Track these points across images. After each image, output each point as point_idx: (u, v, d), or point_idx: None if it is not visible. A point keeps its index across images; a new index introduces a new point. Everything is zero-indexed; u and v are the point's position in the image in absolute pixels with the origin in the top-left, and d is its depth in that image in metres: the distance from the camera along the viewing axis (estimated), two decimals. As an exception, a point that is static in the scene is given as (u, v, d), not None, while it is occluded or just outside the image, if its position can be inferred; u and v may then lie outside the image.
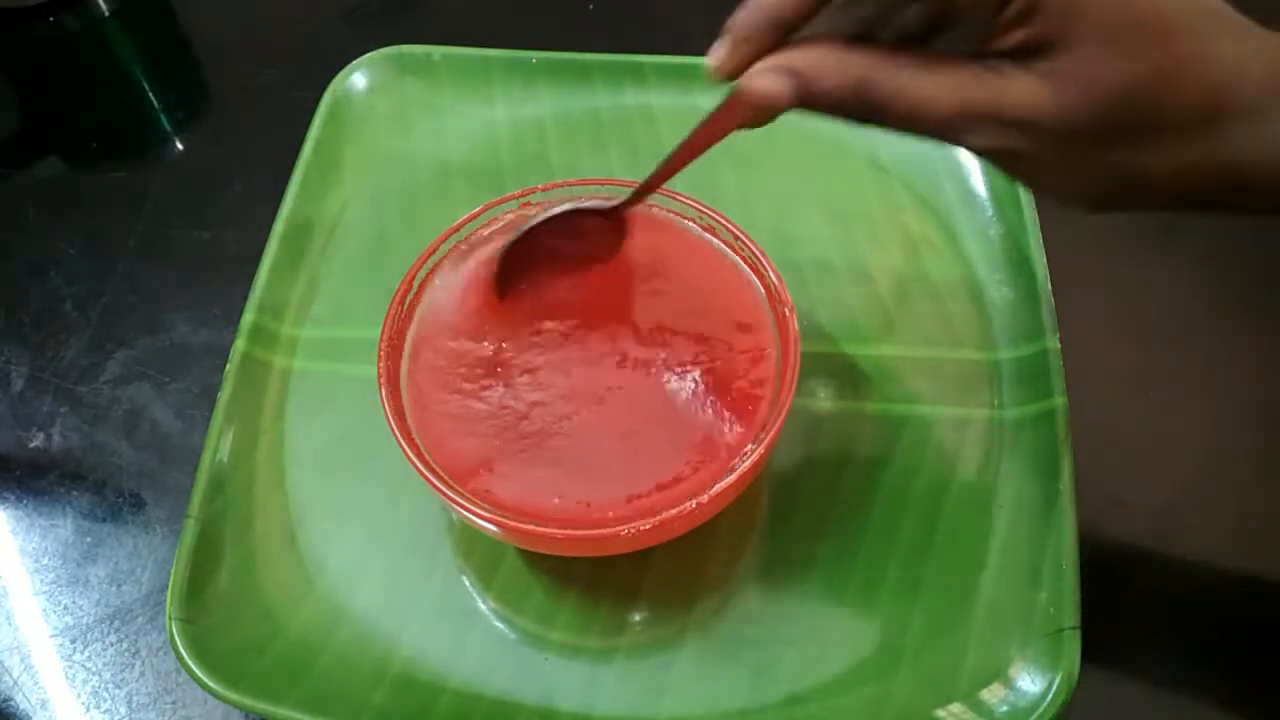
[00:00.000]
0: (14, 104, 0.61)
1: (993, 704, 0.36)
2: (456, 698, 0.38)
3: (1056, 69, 0.27)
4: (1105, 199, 0.29)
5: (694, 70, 0.53)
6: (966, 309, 0.46)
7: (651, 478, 0.36)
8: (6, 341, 0.50)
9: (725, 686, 0.38)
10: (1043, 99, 0.27)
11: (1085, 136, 0.27)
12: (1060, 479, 0.40)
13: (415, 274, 0.40)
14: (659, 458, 0.37)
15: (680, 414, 0.38)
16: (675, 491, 0.36)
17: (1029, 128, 0.27)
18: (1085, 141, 0.28)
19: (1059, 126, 0.27)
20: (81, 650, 0.42)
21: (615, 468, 0.37)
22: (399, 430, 0.37)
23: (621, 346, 0.39)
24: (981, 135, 0.28)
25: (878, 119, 0.29)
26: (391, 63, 0.54)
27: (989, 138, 0.28)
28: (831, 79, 0.28)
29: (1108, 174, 0.28)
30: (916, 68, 0.28)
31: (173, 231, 0.53)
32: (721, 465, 0.36)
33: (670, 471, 0.37)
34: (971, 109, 0.28)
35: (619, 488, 0.36)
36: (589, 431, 0.38)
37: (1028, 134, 0.28)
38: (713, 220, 0.41)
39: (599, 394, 0.38)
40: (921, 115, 0.28)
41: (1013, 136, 0.28)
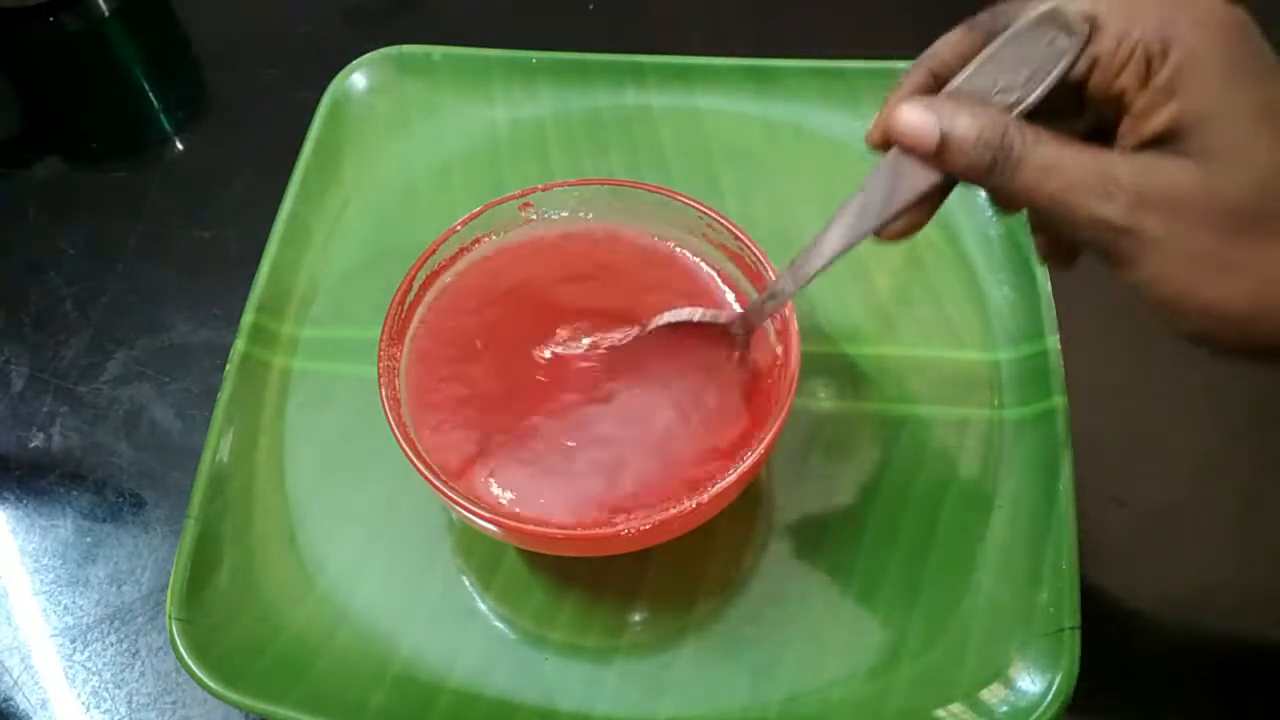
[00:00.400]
0: (14, 104, 0.61)
1: (993, 704, 0.36)
2: (456, 697, 0.38)
3: (1207, 145, 0.25)
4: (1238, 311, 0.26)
5: (694, 70, 0.53)
6: (966, 309, 0.46)
7: (652, 478, 0.36)
8: (6, 341, 0.50)
9: (725, 686, 0.38)
10: (1190, 174, 0.25)
11: (1233, 218, 0.25)
12: (1060, 479, 0.40)
13: (415, 274, 0.40)
14: (660, 457, 0.37)
15: (680, 415, 0.38)
16: (675, 491, 0.36)
17: (1172, 204, 0.25)
18: (1233, 225, 0.25)
19: (1206, 203, 0.25)
20: (81, 650, 0.42)
21: (615, 467, 0.37)
22: (399, 430, 0.37)
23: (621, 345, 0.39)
24: (1114, 204, 0.26)
25: (1008, 175, 0.27)
26: (391, 63, 0.54)
27: (1122, 208, 0.25)
28: (976, 123, 0.27)
29: (1249, 274, 0.25)
30: (1057, 137, 0.27)
31: (173, 231, 0.53)
32: (721, 465, 0.36)
33: (670, 471, 0.37)
34: (1110, 177, 0.26)
35: (619, 487, 0.36)
36: (589, 431, 0.38)
37: (1168, 211, 0.25)
38: (713, 220, 0.41)
39: (599, 394, 0.38)
40: (1054, 172, 0.26)
41: (1149, 213, 0.25)
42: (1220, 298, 0.26)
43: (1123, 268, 0.27)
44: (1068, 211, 0.26)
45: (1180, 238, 0.25)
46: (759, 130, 0.52)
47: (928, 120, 0.28)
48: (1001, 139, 0.27)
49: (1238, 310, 0.26)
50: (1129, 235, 0.26)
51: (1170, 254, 0.26)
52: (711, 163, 0.51)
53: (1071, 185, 0.26)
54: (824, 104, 0.52)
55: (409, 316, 0.40)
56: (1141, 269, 0.26)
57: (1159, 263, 0.26)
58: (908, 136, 0.29)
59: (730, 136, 0.52)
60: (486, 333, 0.40)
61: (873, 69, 0.51)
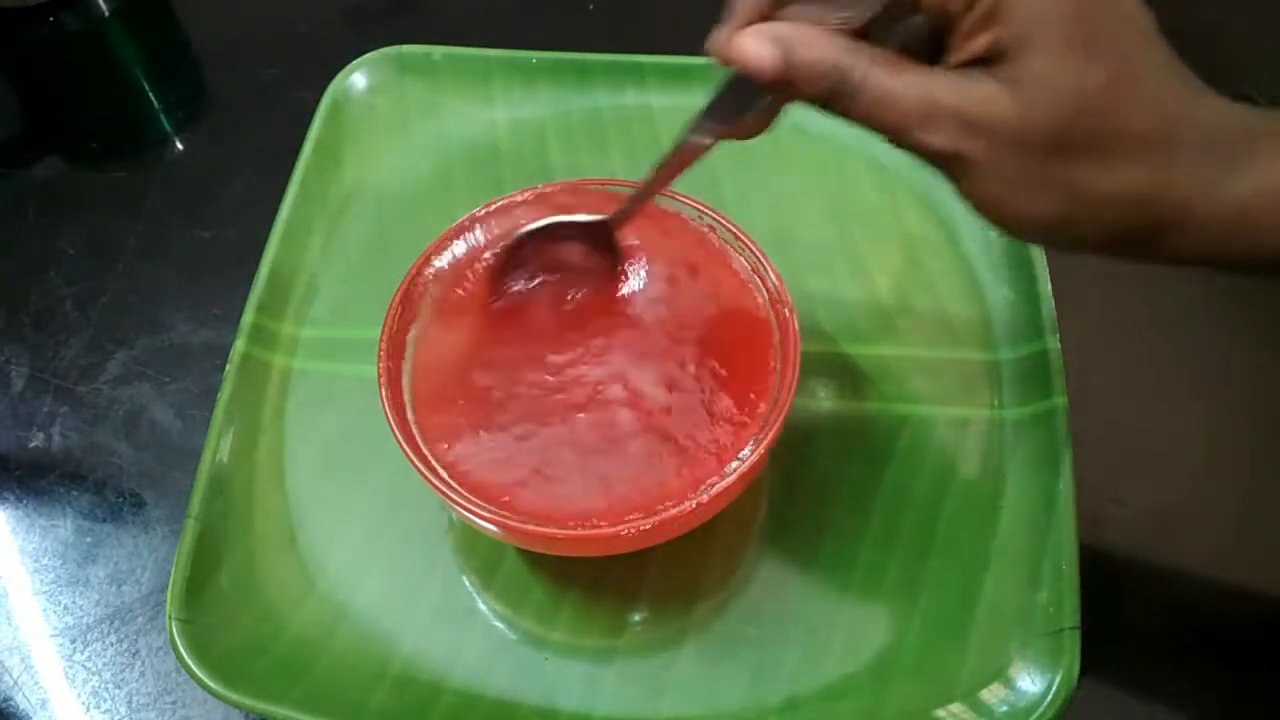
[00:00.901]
0: (14, 104, 0.61)
1: (993, 704, 0.36)
2: (456, 697, 0.38)
3: (1019, 73, 0.27)
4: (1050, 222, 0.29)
5: (694, 70, 0.53)
6: (966, 309, 0.46)
7: (651, 477, 0.36)
8: (6, 341, 0.50)
9: (725, 686, 0.38)
10: (1005, 101, 0.28)
11: (1043, 143, 0.28)
12: (1060, 479, 0.40)
13: (415, 274, 0.40)
14: (659, 457, 0.37)
15: (680, 414, 0.38)
16: (675, 491, 0.36)
17: (989, 131, 0.28)
18: (1042, 148, 0.28)
19: (1019, 130, 0.28)
20: (81, 650, 0.42)
21: (615, 467, 0.37)
22: (399, 430, 0.37)
23: (621, 346, 0.39)
24: (940, 134, 0.28)
25: (844, 105, 0.29)
26: (391, 63, 0.54)
27: (947, 137, 0.28)
28: (812, 52, 0.29)
29: (1058, 191, 0.28)
30: (890, 63, 0.29)
31: (173, 231, 0.53)
32: (721, 465, 0.36)
33: (670, 471, 0.37)
34: (935, 106, 0.28)
35: (619, 487, 0.36)
36: (589, 431, 0.38)
37: (987, 137, 0.28)
38: (713, 220, 0.41)
39: (599, 393, 0.38)
40: (886, 104, 0.29)
41: (971, 139, 0.28)
42: (1034, 212, 0.29)
43: (955, 182, 0.30)
44: (902, 138, 0.29)
45: (997, 160, 0.28)
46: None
47: (765, 49, 0.30)
48: (836, 69, 0.29)
49: (1049, 220, 0.29)
50: (955, 159, 0.29)
51: (990, 174, 0.29)
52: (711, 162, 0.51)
53: (903, 114, 0.29)
54: (824, 104, 0.52)
55: (409, 316, 0.40)
56: (968, 185, 0.29)
57: (982, 181, 0.29)
58: (749, 64, 0.30)
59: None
60: (487, 332, 0.40)
61: (873, 69, 0.51)
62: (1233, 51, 0.57)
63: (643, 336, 0.40)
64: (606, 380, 0.39)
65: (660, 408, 0.38)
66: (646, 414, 0.38)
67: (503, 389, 0.39)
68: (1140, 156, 0.28)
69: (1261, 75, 0.55)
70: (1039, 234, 0.30)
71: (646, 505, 0.35)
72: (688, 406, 0.38)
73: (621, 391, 0.38)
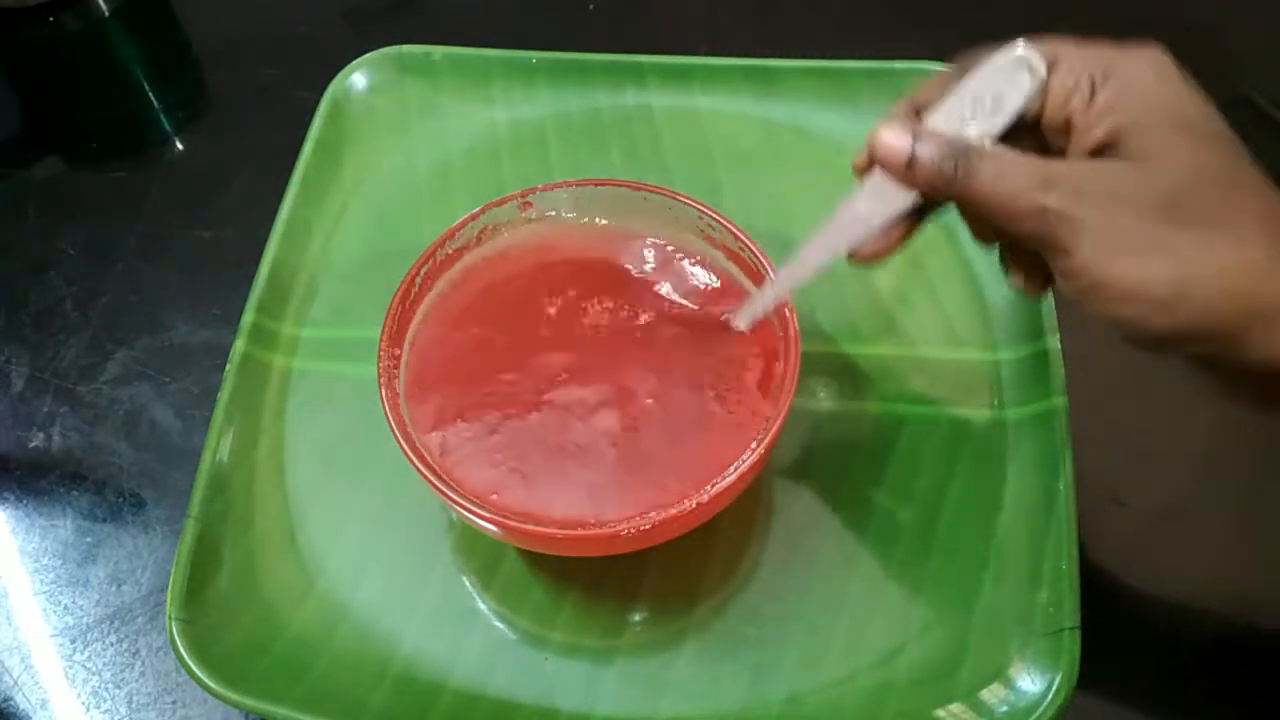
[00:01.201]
0: (14, 104, 0.61)
1: (993, 704, 0.36)
2: (456, 697, 0.38)
3: (1138, 150, 0.29)
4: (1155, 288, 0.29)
5: (694, 70, 0.53)
6: (966, 309, 0.46)
7: (651, 477, 0.36)
8: (6, 341, 0.50)
9: (725, 686, 0.38)
10: (1123, 168, 0.29)
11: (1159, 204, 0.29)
12: (1060, 479, 0.40)
13: (415, 274, 0.40)
14: (659, 457, 0.37)
15: (680, 414, 0.38)
16: (675, 491, 0.36)
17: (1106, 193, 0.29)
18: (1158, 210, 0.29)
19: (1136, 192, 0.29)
20: (81, 650, 0.42)
21: (615, 467, 0.37)
22: (399, 430, 0.37)
23: (622, 346, 0.39)
24: (1057, 196, 0.29)
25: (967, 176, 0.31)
26: (391, 63, 0.54)
27: (1064, 199, 0.29)
28: (939, 138, 0.32)
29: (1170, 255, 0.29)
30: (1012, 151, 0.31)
31: (173, 231, 0.53)
32: (721, 465, 0.36)
33: (670, 471, 0.37)
34: (1055, 173, 0.30)
35: (619, 487, 0.36)
36: (589, 431, 0.38)
37: (1104, 199, 0.29)
38: (713, 220, 0.41)
39: (599, 393, 0.38)
40: (1007, 173, 0.30)
41: (1088, 202, 0.29)
42: (1144, 278, 0.29)
43: (1059, 255, 0.30)
44: (1015, 204, 0.30)
45: (1112, 221, 0.29)
46: (759, 130, 0.52)
47: (901, 137, 0.32)
48: (960, 150, 0.31)
49: (1159, 289, 0.29)
50: (1067, 221, 0.29)
51: (1102, 236, 0.29)
52: (711, 163, 0.51)
53: (1019, 182, 0.30)
54: (824, 104, 0.52)
55: (409, 316, 0.40)
56: (1076, 254, 0.29)
57: (1092, 244, 0.29)
58: (883, 150, 0.32)
59: (730, 137, 0.52)
60: (487, 332, 0.40)
61: (873, 69, 0.51)
62: (1233, 51, 0.57)
63: (643, 337, 0.40)
64: (607, 380, 0.39)
65: (660, 408, 0.38)
66: (647, 414, 0.38)
67: (503, 389, 0.39)
68: (1254, 235, 0.29)
69: (1261, 75, 0.55)
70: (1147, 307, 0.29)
71: (646, 505, 0.35)
72: (688, 407, 0.38)
73: (622, 392, 0.38)
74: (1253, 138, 0.31)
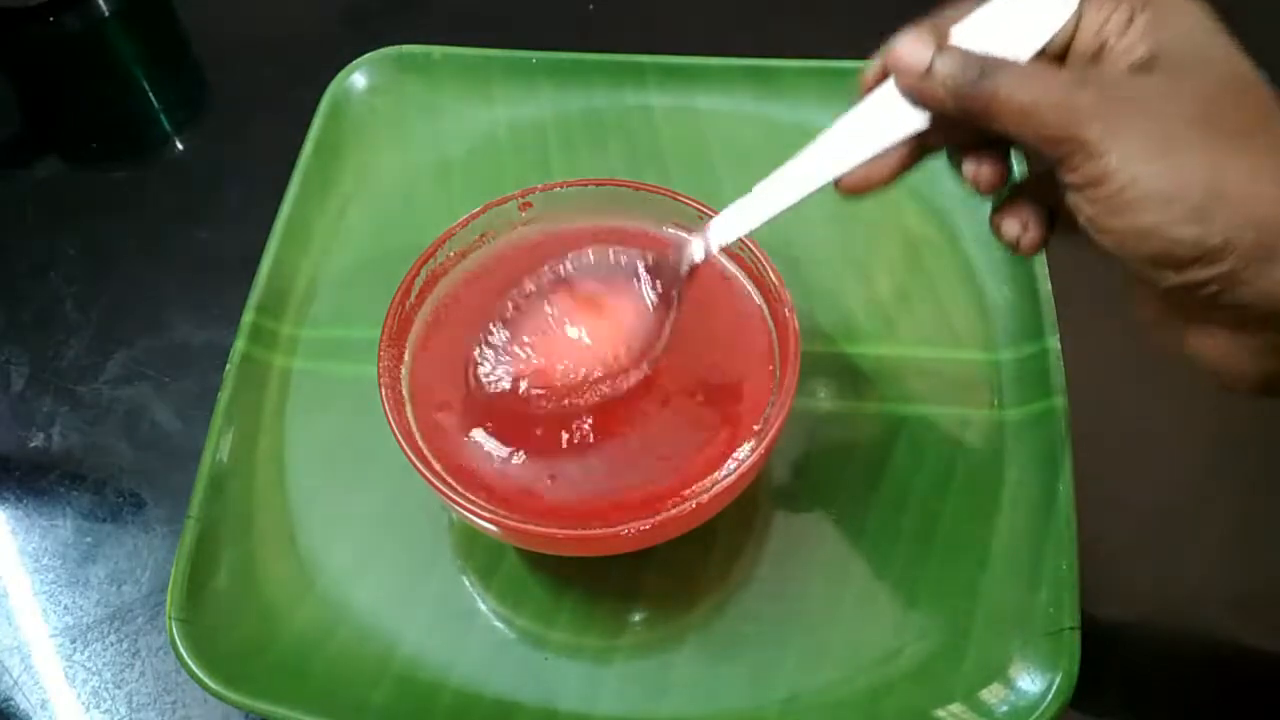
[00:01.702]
0: (14, 104, 0.61)
1: (993, 704, 0.36)
2: (456, 697, 0.38)
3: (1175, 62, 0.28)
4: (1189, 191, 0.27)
5: (694, 70, 0.53)
6: (966, 309, 0.46)
7: (651, 478, 0.36)
8: (6, 341, 0.50)
9: (725, 686, 0.38)
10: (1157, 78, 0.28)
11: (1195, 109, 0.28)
12: (1060, 479, 0.40)
13: (415, 274, 0.40)
14: (659, 457, 0.37)
15: (681, 414, 0.38)
16: (675, 491, 0.36)
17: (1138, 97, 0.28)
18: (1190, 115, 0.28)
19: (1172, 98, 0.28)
20: (81, 650, 0.42)
21: (615, 467, 0.37)
22: (399, 430, 0.37)
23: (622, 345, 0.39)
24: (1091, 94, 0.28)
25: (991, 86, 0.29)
26: (391, 63, 0.54)
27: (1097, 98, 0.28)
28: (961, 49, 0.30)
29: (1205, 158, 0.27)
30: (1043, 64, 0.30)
31: (173, 231, 0.53)
32: (721, 465, 0.36)
33: (670, 471, 0.37)
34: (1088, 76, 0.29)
35: (619, 487, 0.36)
36: (589, 431, 0.38)
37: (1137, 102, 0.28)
38: (713, 220, 0.41)
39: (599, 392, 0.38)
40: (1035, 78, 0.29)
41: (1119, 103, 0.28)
42: (1180, 180, 0.27)
43: (1088, 158, 0.28)
44: (1045, 102, 0.28)
45: (1147, 122, 0.28)
46: (759, 130, 0.52)
47: (921, 46, 0.30)
48: (983, 59, 0.29)
49: (1195, 193, 0.27)
50: (1100, 119, 0.28)
51: (1137, 136, 0.27)
52: (711, 163, 0.51)
53: (1050, 83, 0.28)
54: (824, 104, 0.52)
55: (409, 316, 0.40)
56: (1107, 155, 0.28)
57: (1126, 144, 0.27)
58: (899, 58, 0.31)
59: (730, 136, 0.52)
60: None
61: (873, 69, 0.51)
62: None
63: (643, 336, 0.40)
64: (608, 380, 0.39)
65: (661, 408, 0.38)
66: (647, 414, 0.38)
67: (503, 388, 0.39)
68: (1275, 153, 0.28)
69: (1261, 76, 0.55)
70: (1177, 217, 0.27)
71: (646, 505, 0.35)
72: (688, 407, 0.38)
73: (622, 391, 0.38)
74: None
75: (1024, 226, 0.33)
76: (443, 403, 0.38)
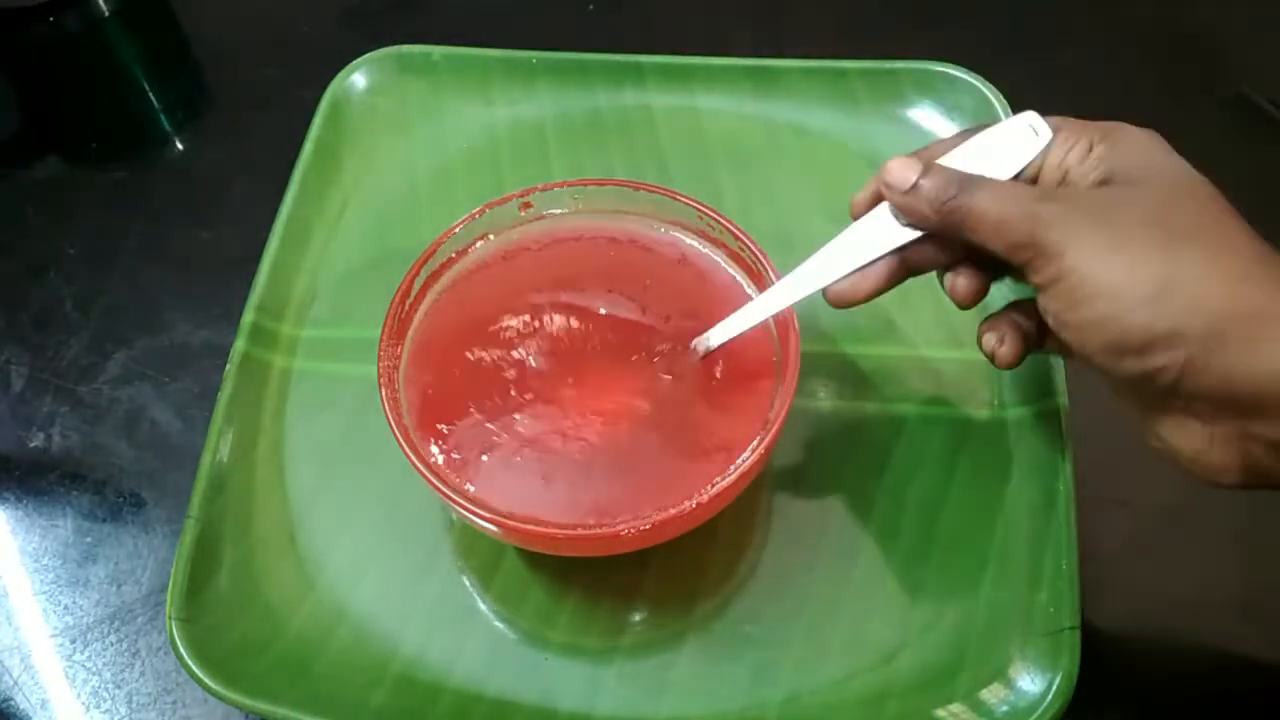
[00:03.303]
0: (14, 104, 0.61)
1: (993, 704, 0.36)
2: (456, 697, 0.38)
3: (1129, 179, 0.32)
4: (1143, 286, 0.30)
5: (694, 70, 0.53)
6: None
7: (651, 478, 0.37)
8: (6, 341, 0.50)
9: (725, 686, 0.38)
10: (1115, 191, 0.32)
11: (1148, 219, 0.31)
12: (1060, 479, 0.40)
13: (415, 274, 0.40)
14: (659, 458, 0.37)
15: (680, 414, 0.38)
16: (675, 491, 0.36)
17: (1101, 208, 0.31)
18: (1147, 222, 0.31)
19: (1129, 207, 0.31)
20: (81, 650, 0.42)
21: (615, 467, 0.37)
22: (399, 430, 0.37)
23: (622, 346, 0.39)
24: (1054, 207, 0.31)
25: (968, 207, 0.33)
26: (391, 63, 0.54)
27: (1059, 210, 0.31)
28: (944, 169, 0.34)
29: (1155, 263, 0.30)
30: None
31: (173, 231, 0.53)
32: (721, 465, 0.36)
33: (670, 472, 0.37)
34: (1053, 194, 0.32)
35: (619, 487, 0.36)
36: (589, 431, 0.38)
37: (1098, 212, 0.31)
38: (713, 220, 0.41)
39: (599, 392, 0.38)
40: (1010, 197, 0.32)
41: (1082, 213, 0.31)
42: (1133, 273, 0.30)
43: (1050, 260, 0.31)
44: (1011, 218, 0.32)
45: (1103, 226, 0.31)
46: (759, 130, 0.52)
47: (909, 166, 0.34)
48: (962, 177, 0.34)
49: (1146, 285, 0.30)
50: (1061, 225, 0.31)
51: (1094, 237, 0.30)
52: (711, 163, 0.51)
53: (1017, 197, 0.32)
54: (824, 104, 0.52)
55: (409, 316, 0.40)
56: (1068, 254, 0.31)
57: (1084, 245, 0.30)
58: (889, 175, 0.35)
59: (730, 136, 0.52)
60: (487, 333, 0.40)
61: (873, 69, 0.51)
62: (1233, 51, 0.57)
63: (644, 338, 0.40)
64: (607, 380, 0.39)
65: (660, 408, 0.38)
66: (646, 414, 0.38)
67: (503, 389, 0.39)
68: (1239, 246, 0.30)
69: (1261, 75, 0.55)
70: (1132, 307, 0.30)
71: (646, 505, 0.35)
72: (688, 407, 0.38)
73: (622, 392, 0.38)
74: (1252, 137, 0.31)
75: (1000, 340, 0.36)
76: (443, 402, 0.38)
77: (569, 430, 0.38)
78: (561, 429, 0.38)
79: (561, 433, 0.38)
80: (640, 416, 0.38)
